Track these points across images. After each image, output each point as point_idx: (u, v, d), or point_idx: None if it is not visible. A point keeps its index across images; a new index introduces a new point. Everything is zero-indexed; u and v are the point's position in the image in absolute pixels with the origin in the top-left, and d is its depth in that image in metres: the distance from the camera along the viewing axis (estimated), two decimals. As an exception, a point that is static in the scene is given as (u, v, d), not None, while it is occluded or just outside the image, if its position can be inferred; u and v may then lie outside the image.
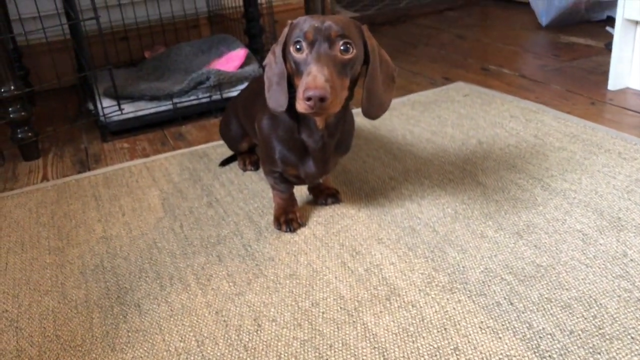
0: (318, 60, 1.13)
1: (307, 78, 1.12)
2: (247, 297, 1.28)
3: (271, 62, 1.28)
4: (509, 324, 1.13)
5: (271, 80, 1.25)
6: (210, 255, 1.45)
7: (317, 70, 1.12)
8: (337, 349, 1.11)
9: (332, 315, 1.20)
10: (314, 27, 1.16)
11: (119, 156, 2.17)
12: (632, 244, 1.35)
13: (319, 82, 1.10)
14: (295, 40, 1.18)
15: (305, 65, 1.15)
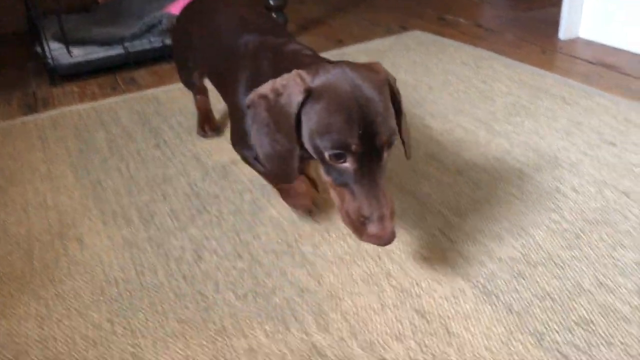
0: (377, 192, 0.88)
1: (369, 222, 0.88)
2: (190, 231, 1.29)
3: (263, 117, 0.94)
4: (441, 253, 1.17)
5: (270, 147, 0.94)
6: (155, 193, 1.45)
7: (382, 212, 0.87)
8: (274, 277, 1.14)
9: (273, 246, 1.22)
10: (357, 134, 0.85)
11: (68, 100, 2.13)
12: (565, 180, 1.40)
13: (387, 231, 0.87)
14: (335, 153, 0.87)
15: (353, 183, 0.89)
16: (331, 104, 0.87)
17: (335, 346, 0.97)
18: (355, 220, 0.89)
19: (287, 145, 0.92)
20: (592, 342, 0.96)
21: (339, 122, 0.86)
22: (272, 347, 0.98)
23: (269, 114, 0.93)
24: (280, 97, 0.91)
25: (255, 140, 0.96)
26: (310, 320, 1.03)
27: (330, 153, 0.88)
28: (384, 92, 0.91)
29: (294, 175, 0.94)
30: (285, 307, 1.06)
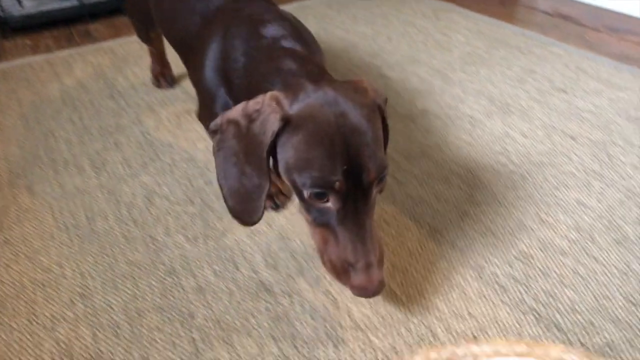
0: (363, 236, 0.78)
1: (354, 271, 0.78)
2: (141, 178, 1.29)
3: (231, 145, 0.82)
4: (390, 194, 1.19)
5: (237, 181, 0.82)
6: (107, 142, 1.44)
7: (368, 260, 0.77)
8: (225, 220, 1.14)
9: (224, 192, 1.23)
10: (340, 171, 0.74)
11: (20, 52, 2.07)
12: (515, 125, 1.42)
13: (374, 282, 0.77)
14: (315, 192, 0.77)
15: (336, 225, 0.78)
16: (311, 136, 0.75)
17: (283, 283, 0.99)
18: (338, 267, 0.78)
19: (256, 180, 0.79)
20: (529, 274, 0.99)
21: (320, 157, 0.74)
22: (220, 285, 0.99)
23: (238, 142, 0.80)
24: (253, 123, 0.79)
25: (219, 172, 0.83)
26: (259, 259, 1.05)
27: (310, 192, 0.76)
28: (373, 119, 0.78)
29: (258, 216, 0.81)
30: (235, 248, 1.07)
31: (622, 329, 0.89)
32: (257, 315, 0.93)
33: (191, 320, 0.93)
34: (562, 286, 0.97)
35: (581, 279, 0.98)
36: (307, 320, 0.92)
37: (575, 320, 0.91)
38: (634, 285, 0.96)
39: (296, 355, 0.87)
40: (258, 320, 0.93)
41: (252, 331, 0.91)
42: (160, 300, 0.96)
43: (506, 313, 0.92)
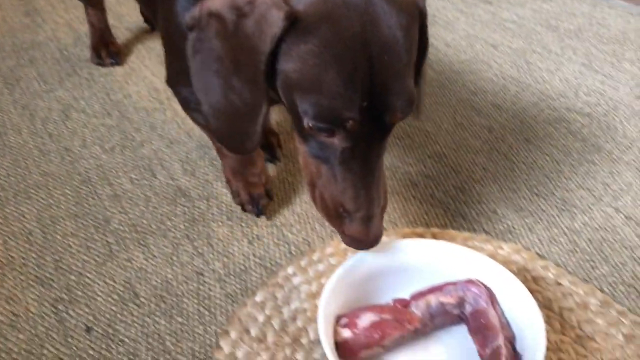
0: (369, 183, 0.63)
1: (351, 219, 0.64)
2: (57, 93, 1.25)
3: (214, 47, 0.62)
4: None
5: (222, 96, 0.64)
6: (21, 59, 1.37)
7: (371, 212, 0.64)
8: (144, 131, 1.13)
9: (144, 104, 1.21)
10: (359, 106, 0.57)
11: None
12: (439, 36, 1.43)
13: (372, 235, 0.65)
14: (320, 127, 0.59)
15: (338, 164, 0.62)
16: (326, 47, 0.56)
17: (200, 187, 1.00)
18: (330, 209, 0.65)
19: (249, 98, 0.62)
20: (441, 172, 1.03)
21: (334, 80, 0.56)
22: (136, 191, 0.99)
23: (223, 43, 0.61)
24: (245, 19, 0.59)
25: (196, 81, 0.64)
26: (177, 167, 1.04)
27: (314, 124, 0.59)
28: (412, 33, 0.59)
29: (254, 144, 0.65)
30: (153, 157, 1.06)
31: (523, 217, 0.93)
32: (174, 218, 0.94)
33: (106, 225, 0.92)
34: (471, 181, 1.00)
35: (490, 175, 1.02)
36: (224, 220, 0.93)
37: (481, 211, 0.95)
38: (539, 178, 1.01)
39: (210, 252, 0.88)
40: (174, 222, 0.93)
41: (168, 233, 0.91)
42: (75, 208, 0.95)
43: (416, 207, 0.96)
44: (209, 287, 0.83)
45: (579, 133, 1.11)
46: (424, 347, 0.71)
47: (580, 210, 0.95)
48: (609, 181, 1.00)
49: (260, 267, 0.86)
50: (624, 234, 0.90)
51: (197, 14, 0.63)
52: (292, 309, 0.78)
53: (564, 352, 0.72)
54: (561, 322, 0.76)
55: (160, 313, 0.79)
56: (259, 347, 0.74)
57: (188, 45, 0.64)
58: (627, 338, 0.74)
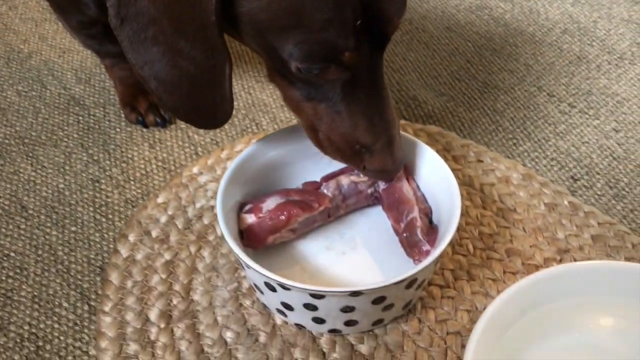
0: (381, 106, 0.54)
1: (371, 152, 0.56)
2: None
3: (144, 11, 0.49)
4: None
5: (170, 66, 0.51)
6: None
7: (390, 136, 0.55)
8: (32, 42, 1.02)
9: (32, 15, 1.09)
10: (353, 30, 0.47)
11: None
12: None
13: (398, 161, 0.57)
14: (311, 67, 0.49)
15: (341, 100, 0.53)
16: None
17: (96, 95, 0.91)
18: (345, 149, 0.56)
19: (204, 60, 0.50)
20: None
21: (317, 5, 0.45)
22: (24, 104, 0.89)
23: (155, 3, 0.48)
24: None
25: (133, 56, 0.51)
26: (71, 76, 0.94)
27: (304, 67, 0.49)
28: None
29: (228, 112, 0.54)
30: (43, 68, 0.96)
31: (444, 102, 0.89)
32: (66, 128, 0.85)
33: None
34: (390, 71, 0.95)
35: (410, 63, 0.96)
36: (122, 126, 0.85)
37: (400, 98, 0.89)
38: (460, 64, 0.96)
39: (107, 159, 0.80)
40: (67, 132, 0.84)
41: (60, 143, 0.82)
42: (-48, 125, 0.85)
43: (333, 99, 0.89)
44: (106, 194, 0.75)
45: (501, 19, 1.06)
46: (339, 231, 0.66)
47: (502, 91, 0.91)
48: (531, 62, 0.96)
49: (164, 170, 0.78)
50: (546, 111, 0.87)
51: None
52: (198, 208, 0.72)
53: (485, 225, 0.69)
54: (482, 197, 0.73)
55: (52, 224, 0.72)
56: (160, 247, 0.67)
57: (110, 16, 0.50)
58: (548, 207, 0.71)
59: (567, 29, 1.03)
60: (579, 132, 0.83)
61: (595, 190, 0.75)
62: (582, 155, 0.80)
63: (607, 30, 1.02)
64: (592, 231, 0.68)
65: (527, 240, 0.67)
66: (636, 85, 0.90)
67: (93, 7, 0.67)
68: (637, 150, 0.80)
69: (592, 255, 0.65)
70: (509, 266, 0.65)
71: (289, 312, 0.58)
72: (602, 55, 0.96)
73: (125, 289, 0.63)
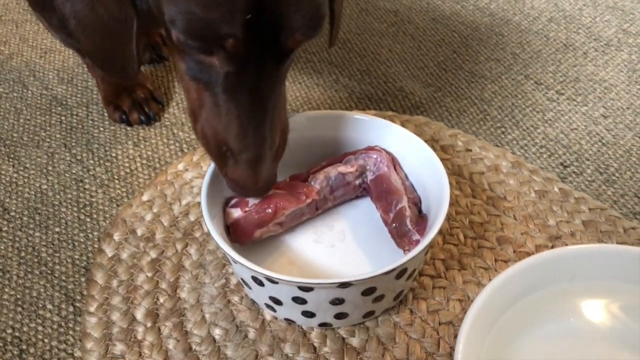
0: (260, 118, 0.51)
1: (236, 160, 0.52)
2: None
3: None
4: None
5: (88, 8, 0.51)
6: None
7: (259, 152, 0.52)
8: (13, 44, 1.00)
9: (12, 17, 1.07)
10: (240, 21, 0.44)
11: None
12: None
13: (259, 182, 0.53)
14: (192, 45, 0.47)
15: (222, 90, 0.50)
16: None
17: (79, 95, 0.89)
18: (212, 146, 0.53)
19: (116, 9, 0.50)
20: (345, 57, 0.96)
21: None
22: (5, 105, 0.87)
23: None
24: None
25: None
26: (53, 76, 0.93)
27: (183, 40, 0.46)
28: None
29: (135, 68, 0.54)
30: (24, 69, 0.94)
31: (431, 92, 0.88)
32: (48, 128, 0.83)
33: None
34: (376, 63, 0.94)
35: (396, 55, 0.96)
36: (105, 126, 0.84)
37: (387, 90, 0.88)
38: (447, 54, 0.95)
39: (91, 158, 0.79)
40: (49, 132, 0.83)
41: (42, 143, 0.81)
42: None
43: (319, 93, 0.88)
44: (90, 193, 0.74)
45: (486, 9, 1.05)
46: (327, 224, 0.65)
47: (489, 80, 0.90)
48: (518, 51, 0.95)
49: (148, 168, 0.77)
50: (534, 98, 0.86)
51: None
52: (184, 205, 0.71)
53: (476, 214, 0.68)
54: (472, 186, 0.72)
55: (35, 225, 0.70)
56: (146, 246, 0.66)
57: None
58: (539, 194, 0.70)
59: (553, 17, 1.02)
60: (567, 119, 0.83)
61: (586, 176, 0.75)
62: (571, 142, 0.79)
63: (593, 18, 1.01)
64: (584, 217, 0.67)
65: (518, 228, 0.66)
66: (623, 72, 0.90)
67: None
68: (626, 136, 0.80)
69: (584, 241, 0.65)
70: (501, 254, 0.64)
71: (278, 307, 0.57)
72: (588, 43, 0.96)
73: (110, 288, 0.62)
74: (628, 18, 1.01)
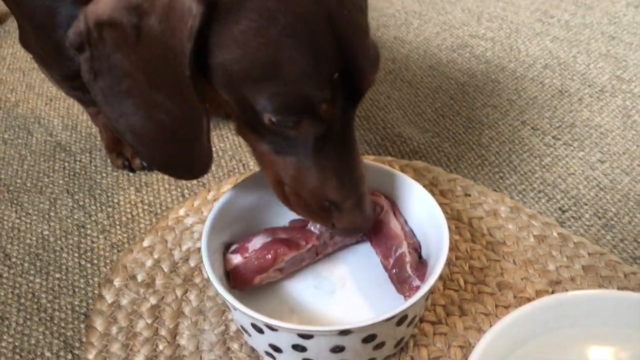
0: (351, 163, 0.52)
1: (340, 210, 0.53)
2: None
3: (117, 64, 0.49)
4: None
5: (145, 118, 0.51)
6: None
7: (360, 194, 0.53)
8: (19, 91, 1.02)
9: (19, 65, 1.10)
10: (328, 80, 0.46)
11: None
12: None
13: (368, 219, 0.55)
14: (286, 120, 0.48)
15: (312, 154, 0.51)
16: (270, 17, 0.44)
17: (83, 141, 0.91)
18: (312, 206, 0.54)
19: (180, 112, 0.49)
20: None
21: (294, 55, 0.44)
22: (9, 151, 0.89)
23: (129, 55, 0.48)
24: (147, 20, 0.46)
25: (108, 109, 0.52)
26: (57, 123, 0.94)
27: (278, 119, 0.47)
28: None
29: (207, 164, 0.53)
30: (30, 116, 0.96)
31: (429, 138, 0.89)
32: (52, 174, 0.84)
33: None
34: (375, 109, 0.96)
35: (394, 102, 0.97)
36: (108, 171, 0.85)
37: (385, 135, 0.90)
38: (444, 101, 0.97)
39: (93, 204, 0.79)
40: (52, 178, 0.84)
41: (45, 189, 0.82)
42: (-64, 175, 0.84)
43: (319, 139, 0.90)
44: (92, 239, 0.74)
45: (482, 56, 1.08)
46: (327, 269, 0.65)
47: (487, 126, 0.91)
48: (514, 97, 0.97)
49: (150, 214, 0.78)
50: (531, 144, 0.88)
51: (83, 28, 0.48)
52: (184, 250, 0.71)
53: (475, 259, 0.68)
54: (471, 230, 0.72)
55: (35, 271, 0.70)
56: (146, 292, 0.66)
57: (83, 71, 0.50)
58: (538, 239, 0.71)
59: (548, 64, 1.04)
60: (564, 164, 0.84)
61: (584, 220, 0.75)
62: (569, 187, 0.80)
63: (587, 65, 1.04)
64: (583, 262, 0.67)
65: (518, 273, 0.66)
66: (618, 117, 0.91)
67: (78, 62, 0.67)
68: (623, 180, 0.80)
69: (585, 286, 0.65)
70: (501, 300, 0.64)
71: (278, 355, 0.56)
72: (583, 89, 0.98)
73: (109, 335, 0.62)
74: (621, 65, 1.03)
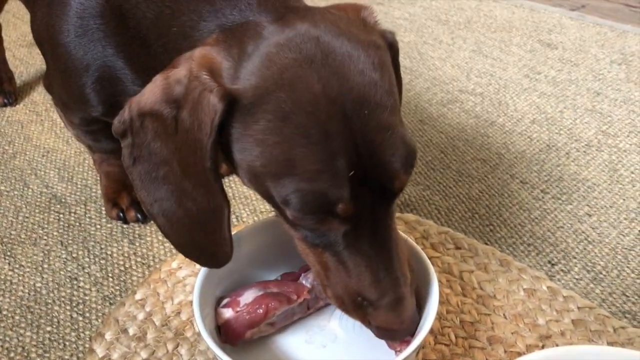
0: (387, 260, 0.52)
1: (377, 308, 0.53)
2: None
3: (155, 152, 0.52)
4: None
5: (176, 204, 0.53)
6: None
7: (398, 294, 0.52)
8: (17, 143, 1.04)
9: (18, 117, 1.12)
10: (347, 181, 0.47)
11: None
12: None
13: (408, 321, 0.54)
14: (307, 219, 0.49)
15: (344, 249, 0.52)
16: (285, 119, 0.46)
17: (78, 193, 0.92)
18: (347, 302, 0.54)
19: (205, 202, 0.52)
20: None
21: (307, 155, 0.45)
22: (5, 203, 0.90)
23: (167, 144, 0.51)
24: (182, 111, 0.49)
25: (142, 194, 0.54)
26: (53, 175, 0.96)
27: (299, 216, 0.49)
28: (387, 71, 0.50)
29: (227, 254, 0.55)
30: (27, 167, 0.98)
31: (420, 190, 0.91)
32: (46, 226, 0.85)
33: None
34: (367, 162, 0.97)
35: (386, 155, 0.99)
36: (102, 223, 0.85)
37: (377, 188, 0.91)
38: (434, 154, 0.99)
39: (86, 256, 0.80)
40: (46, 230, 0.84)
41: (39, 241, 0.82)
42: None
43: (312, 191, 0.91)
44: (84, 291, 0.74)
45: (472, 111, 1.11)
46: (319, 324, 0.66)
47: (476, 179, 0.93)
48: (503, 151, 0.99)
49: (143, 266, 0.78)
50: (520, 197, 0.89)
51: (127, 117, 0.52)
52: (176, 303, 0.71)
53: (466, 313, 0.69)
54: (462, 284, 0.73)
55: (26, 324, 0.70)
56: (137, 345, 0.66)
57: (123, 155, 0.54)
58: (528, 293, 0.71)
59: (536, 119, 1.07)
60: (553, 217, 0.85)
61: (573, 274, 0.76)
62: (557, 240, 0.81)
63: (573, 120, 1.06)
64: (573, 315, 0.68)
65: (508, 327, 0.67)
66: (605, 171, 0.93)
67: (100, 109, 0.68)
68: (611, 234, 0.82)
69: (574, 341, 0.65)
70: (492, 354, 0.64)
71: (268, 410, 0.56)
72: (570, 143, 1.00)
73: (99, 391, 0.61)
74: (606, 120, 1.06)
